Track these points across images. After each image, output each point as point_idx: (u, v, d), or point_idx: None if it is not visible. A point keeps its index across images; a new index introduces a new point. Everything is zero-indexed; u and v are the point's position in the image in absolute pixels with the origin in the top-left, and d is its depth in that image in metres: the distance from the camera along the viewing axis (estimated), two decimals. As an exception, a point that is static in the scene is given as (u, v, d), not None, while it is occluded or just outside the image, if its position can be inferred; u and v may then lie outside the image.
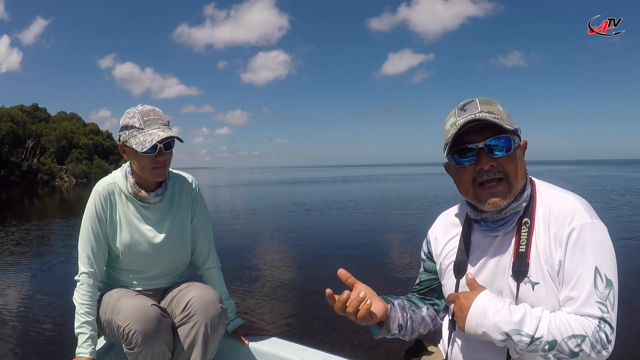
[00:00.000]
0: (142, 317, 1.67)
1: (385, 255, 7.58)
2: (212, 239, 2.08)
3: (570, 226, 1.10)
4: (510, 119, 1.18)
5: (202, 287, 1.87)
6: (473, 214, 1.25)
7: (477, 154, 1.16)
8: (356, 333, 3.91)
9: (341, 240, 9.08)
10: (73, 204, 21.85)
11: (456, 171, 1.23)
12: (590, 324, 1.04)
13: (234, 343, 1.98)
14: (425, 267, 1.43)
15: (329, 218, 12.99)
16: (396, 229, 10.85)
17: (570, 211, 1.12)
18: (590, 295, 1.05)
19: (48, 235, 10.92)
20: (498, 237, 1.22)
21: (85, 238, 1.86)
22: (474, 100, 1.19)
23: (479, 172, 1.16)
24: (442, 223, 1.40)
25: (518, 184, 1.17)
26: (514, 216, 1.19)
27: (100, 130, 64.41)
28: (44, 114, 58.87)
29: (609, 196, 17.36)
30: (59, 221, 14.04)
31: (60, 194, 30.73)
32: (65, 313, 4.34)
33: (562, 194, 1.19)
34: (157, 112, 1.81)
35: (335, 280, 1.26)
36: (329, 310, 4.25)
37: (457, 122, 1.17)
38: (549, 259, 1.12)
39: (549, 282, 1.11)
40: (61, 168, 51.93)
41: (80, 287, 1.82)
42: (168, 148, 1.81)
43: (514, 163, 1.16)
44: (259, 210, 15.98)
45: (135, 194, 1.86)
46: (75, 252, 1.89)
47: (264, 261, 7.24)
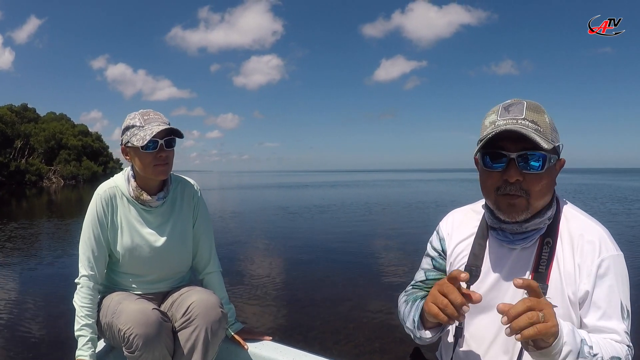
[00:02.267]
0: (144, 320, 1.67)
1: (375, 258, 7.64)
2: (214, 243, 2.08)
3: (600, 257, 1.10)
4: (554, 133, 1.13)
5: (203, 292, 1.88)
6: (492, 221, 1.21)
7: (507, 163, 1.10)
8: (354, 338, 3.95)
9: (331, 244, 9.14)
10: (61, 206, 21.61)
11: (483, 172, 1.18)
12: (623, 348, 1.08)
13: (234, 347, 1.98)
14: (435, 265, 1.36)
15: (316, 222, 13.13)
16: (381, 233, 10.92)
17: (598, 241, 1.12)
18: (620, 326, 1.09)
19: (43, 237, 10.79)
20: (515, 250, 1.19)
21: (86, 241, 1.86)
22: (522, 103, 1.13)
23: (504, 182, 1.11)
24: (455, 221, 1.35)
25: (538, 204, 1.13)
26: (535, 233, 1.16)
27: (89, 132, 63.96)
28: (33, 114, 58.29)
29: (589, 204, 17.81)
30: (55, 222, 13.88)
31: (49, 195, 30.37)
32: (65, 316, 4.31)
33: (588, 220, 1.18)
34: (157, 113, 1.84)
35: (326, 285, 1.25)
36: (328, 316, 4.28)
37: (497, 122, 1.12)
38: (572, 285, 1.11)
39: (568, 307, 1.11)
40: (49, 169, 51.41)
41: (80, 290, 1.82)
42: (170, 146, 1.83)
43: (541, 183, 1.11)
44: (246, 214, 16.01)
45: (137, 197, 1.87)
46: (73, 255, 1.90)
47: (258, 266, 7.24)
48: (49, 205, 22.53)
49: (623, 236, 9.45)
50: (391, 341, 3.83)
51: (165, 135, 1.80)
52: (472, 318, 1.24)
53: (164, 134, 1.79)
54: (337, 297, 5.28)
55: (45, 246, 9.64)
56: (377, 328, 4.23)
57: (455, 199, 21.96)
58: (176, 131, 1.82)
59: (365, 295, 5.44)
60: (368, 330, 4.17)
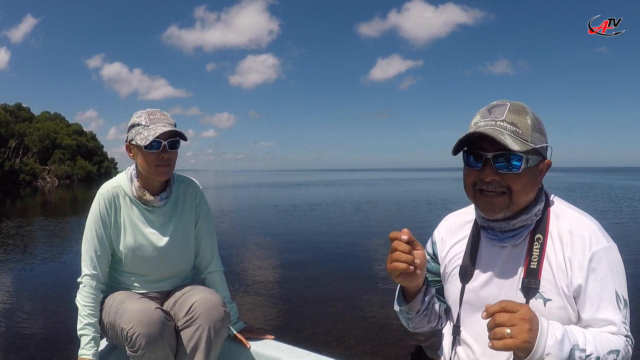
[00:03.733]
0: (147, 320, 1.67)
1: (366, 255, 7.67)
2: (216, 242, 2.09)
3: (591, 250, 1.11)
4: (535, 134, 1.14)
5: (206, 291, 1.88)
6: (481, 221, 1.24)
7: (483, 162, 1.14)
8: (357, 337, 3.95)
9: (322, 242, 9.20)
10: (56, 206, 21.50)
11: (464, 169, 1.21)
12: (621, 340, 1.09)
13: (236, 346, 1.99)
14: (429, 268, 1.38)
15: (308, 220, 13.32)
16: (373, 231, 10.96)
17: (588, 234, 1.13)
18: (617, 316, 1.10)
19: (40, 236, 10.72)
20: (506, 248, 1.21)
21: (89, 240, 1.86)
22: (505, 105, 1.15)
23: (480, 180, 1.15)
24: (449, 225, 1.38)
25: (521, 201, 1.15)
26: (523, 229, 1.18)
27: (84, 131, 63.64)
28: (28, 114, 57.93)
29: (580, 202, 17.96)
30: (51, 221, 13.81)
31: (43, 195, 30.20)
32: (68, 315, 4.31)
33: (577, 214, 1.19)
34: (164, 113, 1.85)
35: (324, 279, 1.27)
36: (330, 315, 4.28)
37: (479, 123, 1.15)
38: (564, 278, 1.13)
39: (563, 300, 1.12)
40: (44, 168, 51.13)
41: (83, 289, 1.82)
42: (173, 148, 1.83)
43: (520, 182, 1.12)
44: (241, 212, 16.12)
45: (140, 197, 1.87)
46: (71, 253, 1.90)
47: (257, 264, 7.23)
48: (43, 204, 22.40)
49: (610, 233, 9.52)
50: (390, 339, 3.85)
51: (169, 137, 1.80)
52: (469, 316, 1.27)
53: (168, 135, 1.79)
54: (335, 295, 5.30)
55: (44, 245, 9.58)
56: (378, 326, 4.25)
57: (446, 197, 22.11)
58: (180, 133, 1.83)
59: (368, 292, 5.45)
60: (369, 328, 4.18)
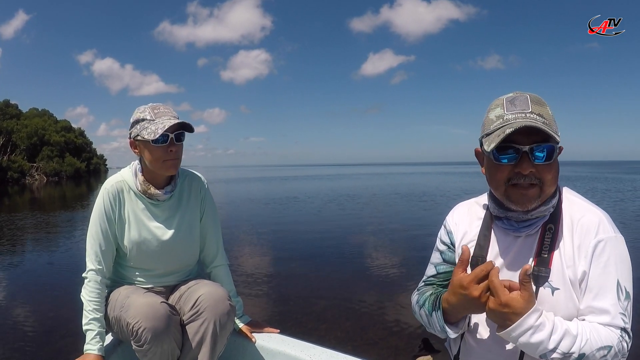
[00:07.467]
0: (152, 314, 1.67)
1: (368, 252, 7.68)
2: (221, 237, 2.09)
3: (597, 238, 1.13)
4: (556, 124, 1.16)
5: (211, 285, 1.88)
6: (498, 211, 1.24)
7: (519, 156, 1.13)
8: (362, 331, 3.96)
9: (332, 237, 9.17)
10: (44, 203, 21.27)
11: (492, 166, 1.19)
12: (615, 334, 1.09)
13: (241, 340, 1.99)
14: (445, 258, 1.38)
15: (293, 212, 13.59)
16: (369, 228, 10.98)
17: (596, 224, 1.15)
18: (614, 306, 1.10)
19: (37, 231, 10.62)
20: (520, 238, 1.23)
21: (94, 235, 1.85)
22: (524, 96, 1.16)
23: (517, 174, 1.14)
24: (462, 213, 1.39)
25: (550, 191, 1.17)
26: (539, 220, 1.20)
27: (72, 128, 62.86)
28: (15, 111, 57.10)
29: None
30: (40, 218, 13.66)
31: (31, 193, 29.82)
32: (73, 310, 4.29)
33: (588, 205, 1.21)
34: (167, 107, 1.84)
35: (330, 273, 1.26)
36: (335, 308, 4.26)
37: (506, 117, 1.15)
38: (571, 267, 1.14)
39: (569, 289, 1.14)
40: (32, 166, 50.44)
41: (88, 284, 1.82)
42: (179, 140, 1.83)
43: (552, 172, 1.15)
44: (233, 205, 16.25)
45: (144, 191, 1.87)
46: (78, 250, 1.89)
47: (259, 259, 7.20)
48: (31, 202, 22.15)
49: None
50: (396, 330, 3.87)
51: (176, 130, 1.80)
52: None
53: (175, 128, 1.79)
54: (341, 288, 5.30)
55: (44, 243, 9.49)
56: (384, 318, 4.27)
57: (437, 191, 22.20)
58: (187, 125, 1.82)
59: (374, 285, 5.46)
60: (375, 321, 4.20)
